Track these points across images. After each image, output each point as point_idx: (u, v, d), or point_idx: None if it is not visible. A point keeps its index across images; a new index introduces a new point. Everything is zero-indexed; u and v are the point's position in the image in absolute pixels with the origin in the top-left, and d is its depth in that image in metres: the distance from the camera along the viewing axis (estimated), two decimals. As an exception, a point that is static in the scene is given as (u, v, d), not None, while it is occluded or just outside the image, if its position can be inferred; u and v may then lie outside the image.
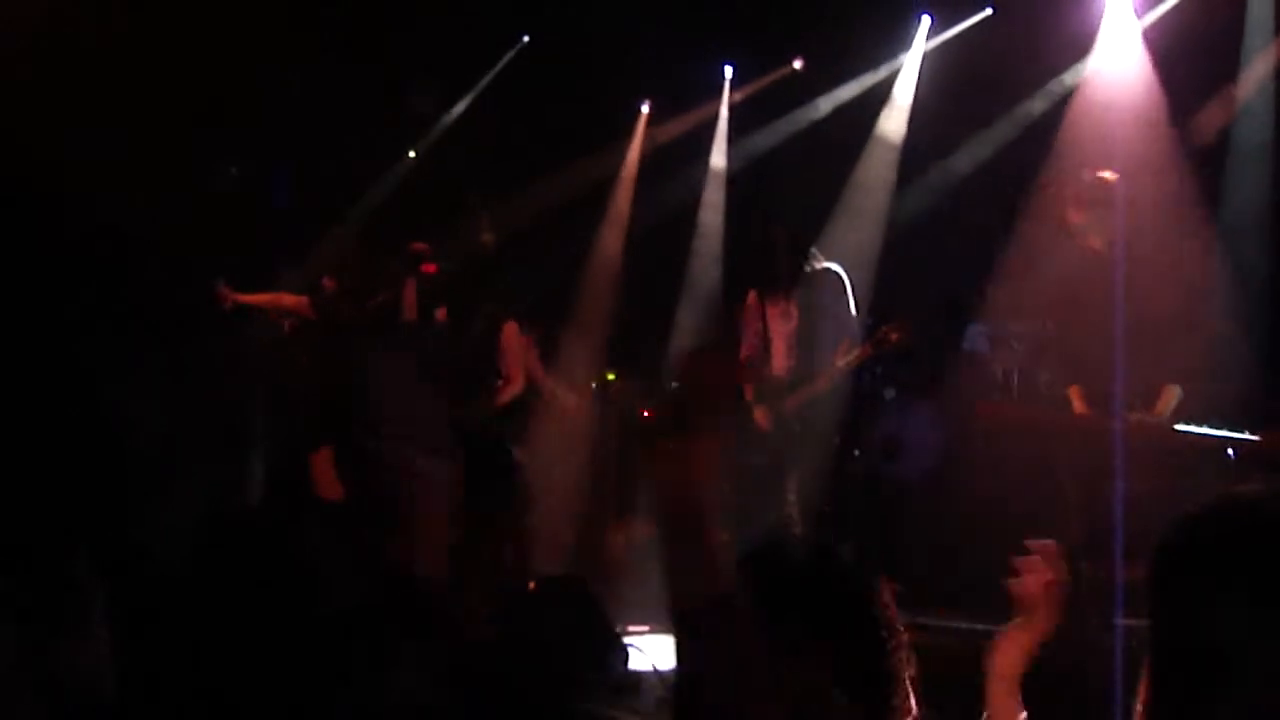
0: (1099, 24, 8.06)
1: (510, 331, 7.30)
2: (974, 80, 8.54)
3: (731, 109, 9.67)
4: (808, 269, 6.44)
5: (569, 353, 8.15)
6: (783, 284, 6.45)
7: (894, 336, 6.10)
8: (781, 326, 6.43)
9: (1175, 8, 7.86)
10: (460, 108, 9.54)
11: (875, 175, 9.00)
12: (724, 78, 9.60)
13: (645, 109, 9.82)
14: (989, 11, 8.64)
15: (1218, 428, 5.23)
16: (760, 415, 6.35)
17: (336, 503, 6.26)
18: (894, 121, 9.04)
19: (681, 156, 9.68)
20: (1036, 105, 8.50)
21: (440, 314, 7.53)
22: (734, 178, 9.53)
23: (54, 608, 2.03)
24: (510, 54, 9.47)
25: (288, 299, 7.16)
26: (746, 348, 6.51)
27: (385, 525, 5.24)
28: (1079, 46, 8.21)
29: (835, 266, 6.58)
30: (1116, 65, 7.99)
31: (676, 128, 9.78)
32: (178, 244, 7.19)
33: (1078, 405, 5.51)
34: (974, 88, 8.58)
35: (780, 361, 6.40)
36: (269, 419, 6.58)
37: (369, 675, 2.24)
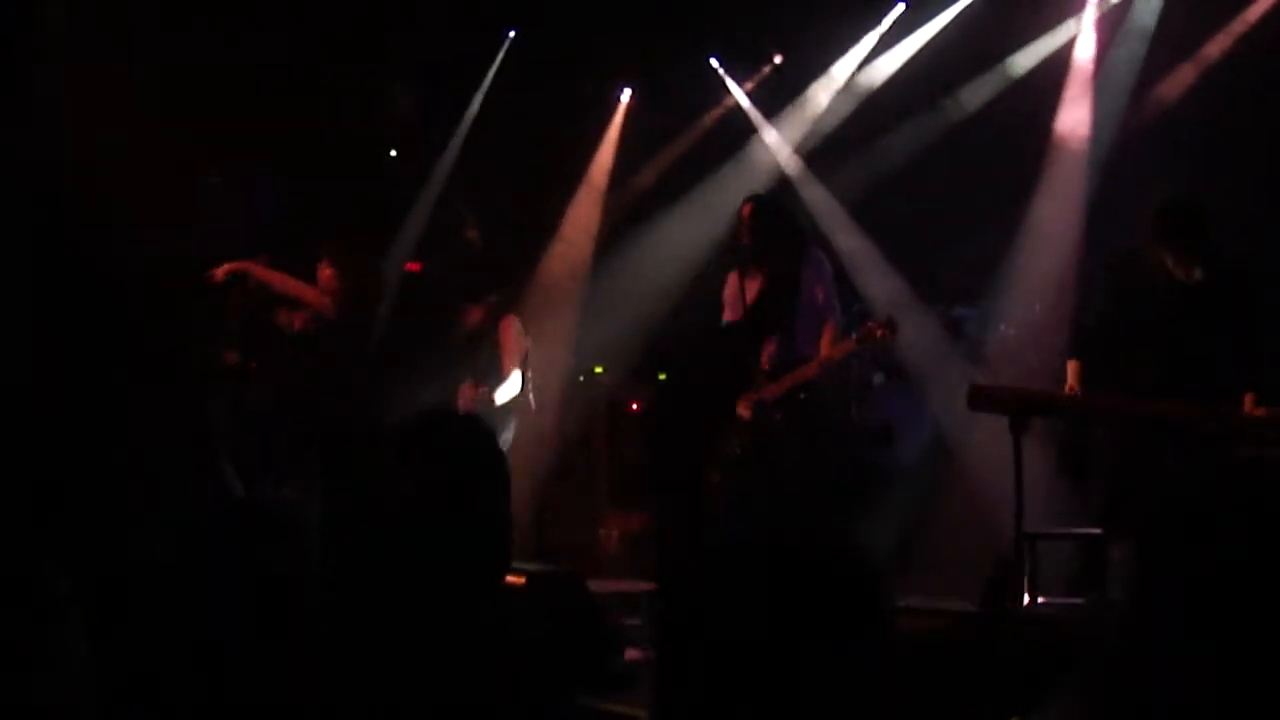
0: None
1: (508, 326, 7.27)
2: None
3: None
4: (793, 246, 6.15)
5: (544, 343, 8.10)
6: (762, 260, 6.16)
7: (880, 333, 5.97)
8: None
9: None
10: (474, 107, 9.47)
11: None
12: (710, 71, 9.54)
13: (625, 97, 9.80)
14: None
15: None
16: (740, 403, 6.11)
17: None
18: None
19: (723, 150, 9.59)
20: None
21: None
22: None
23: (24, 622, 2.00)
24: (502, 51, 9.42)
25: (308, 292, 6.53)
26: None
27: None
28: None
29: (817, 250, 6.38)
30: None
31: (698, 129, 9.76)
32: (160, 251, 7.13)
33: (1071, 381, 5.49)
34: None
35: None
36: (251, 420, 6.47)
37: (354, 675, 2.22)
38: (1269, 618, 1.43)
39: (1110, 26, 8.18)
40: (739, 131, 9.52)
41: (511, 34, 9.36)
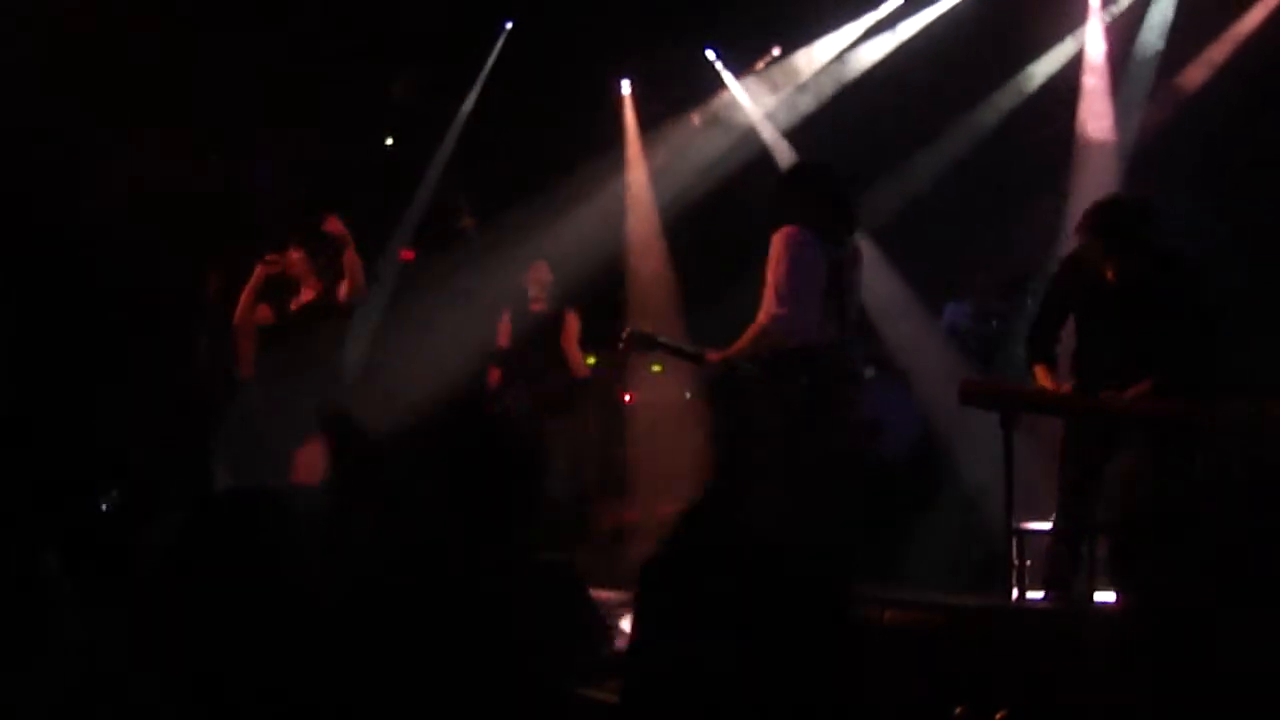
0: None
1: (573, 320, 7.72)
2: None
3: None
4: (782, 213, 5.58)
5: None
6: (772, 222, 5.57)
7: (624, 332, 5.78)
8: None
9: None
10: (470, 102, 9.51)
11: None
12: (706, 61, 9.56)
13: (626, 89, 9.80)
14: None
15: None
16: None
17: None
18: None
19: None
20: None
21: None
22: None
23: (19, 609, 2.02)
24: (500, 42, 9.42)
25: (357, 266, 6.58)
26: None
27: None
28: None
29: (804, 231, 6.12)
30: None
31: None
32: (159, 235, 7.16)
33: (1043, 383, 5.49)
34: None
35: None
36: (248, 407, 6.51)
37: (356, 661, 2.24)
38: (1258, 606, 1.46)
39: (1124, 27, 8.21)
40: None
41: (509, 25, 9.39)
